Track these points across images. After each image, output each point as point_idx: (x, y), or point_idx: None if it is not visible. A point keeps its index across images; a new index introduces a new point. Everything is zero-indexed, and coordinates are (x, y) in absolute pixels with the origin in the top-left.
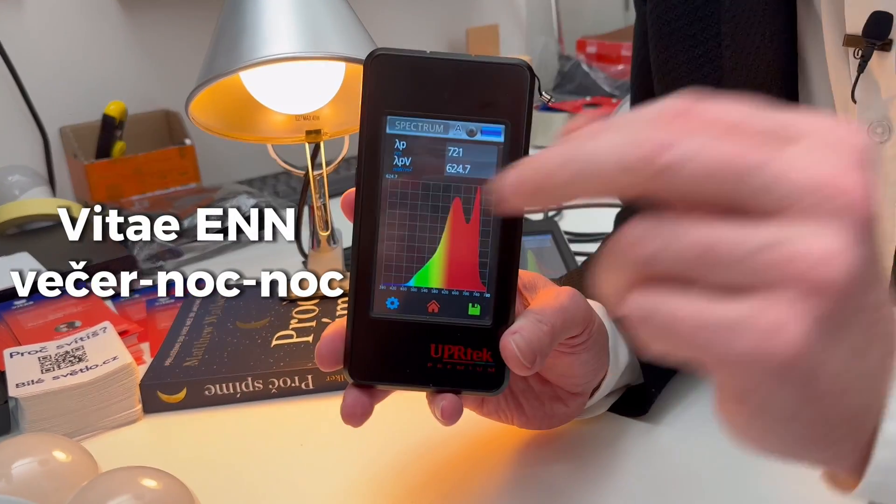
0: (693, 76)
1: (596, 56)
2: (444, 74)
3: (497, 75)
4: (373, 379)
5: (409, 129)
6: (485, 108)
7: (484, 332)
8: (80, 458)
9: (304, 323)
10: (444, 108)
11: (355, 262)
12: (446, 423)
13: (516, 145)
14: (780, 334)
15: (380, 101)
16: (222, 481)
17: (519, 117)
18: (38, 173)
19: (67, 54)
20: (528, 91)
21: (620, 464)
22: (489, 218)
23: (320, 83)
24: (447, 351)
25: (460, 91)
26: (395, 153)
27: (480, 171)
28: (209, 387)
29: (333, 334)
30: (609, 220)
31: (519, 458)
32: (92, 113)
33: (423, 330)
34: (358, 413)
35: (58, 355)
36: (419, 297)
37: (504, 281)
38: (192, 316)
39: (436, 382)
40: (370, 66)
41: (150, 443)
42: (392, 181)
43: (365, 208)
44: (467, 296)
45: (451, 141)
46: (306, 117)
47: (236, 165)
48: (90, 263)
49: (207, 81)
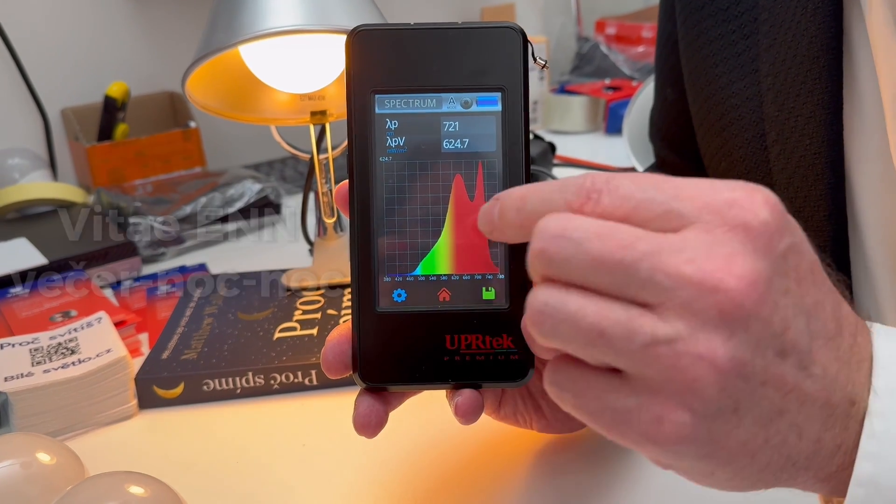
0: (724, 54)
1: (615, 37)
2: (432, 45)
3: (488, 41)
4: (386, 381)
5: (399, 107)
6: (478, 76)
7: (502, 316)
8: (66, 460)
9: (308, 314)
10: (435, 81)
11: (355, 255)
12: (464, 421)
13: (515, 113)
14: (660, 426)
15: (366, 80)
16: (217, 482)
17: (515, 83)
18: (39, 156)
19: (68, 33)
20: (523, 53)
21: (648, 471)
22: (494, 193)
23: (325, 59)
24: (464, 341)
25: (450, 61)
26: (388, 134)
27: (480, 144)
28: (208, 381)
29: (339, 337)
30: None
31: (537, 465)
32: (94, 94)
33: (436, 321)
34: (373, 423)
35: (50, 347)
36: (428, 286)
37: (518, 259)
38: (193, 306)
39: (455, 377)
40: (352, 44)
41: (145, 440)
42: (387, 164)
43: (360, 197)
44: (480, 279)
45: (446, 115)
46: (311, 97)
47: (243, 149)
48: (90, 250)
49: (204, 56)
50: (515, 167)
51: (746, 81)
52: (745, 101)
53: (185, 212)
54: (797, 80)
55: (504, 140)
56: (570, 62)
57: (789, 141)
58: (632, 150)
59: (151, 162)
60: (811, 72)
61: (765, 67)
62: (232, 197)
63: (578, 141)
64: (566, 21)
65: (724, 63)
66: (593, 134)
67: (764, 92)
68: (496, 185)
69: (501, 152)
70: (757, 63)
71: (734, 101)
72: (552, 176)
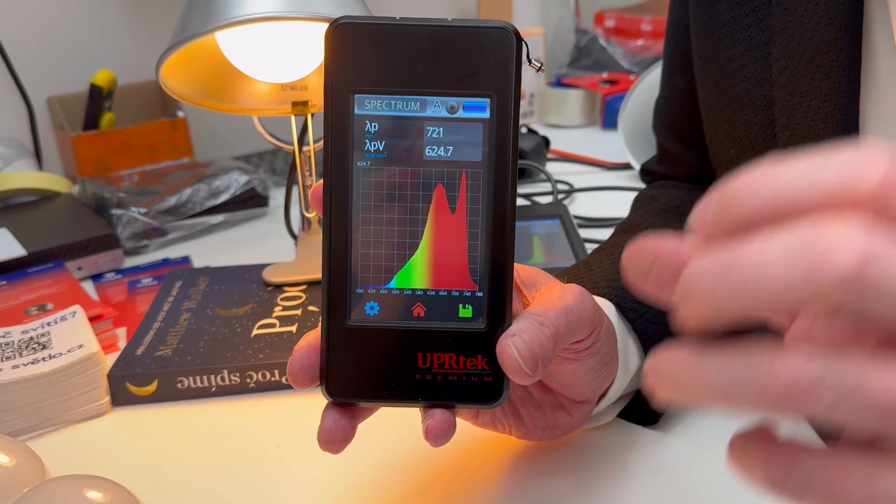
0: (737, 37)
1: (614, 30)
2: (418, 43)
3: (479, 41)
4: (354, 396)
5: (380, 109)
6: (467, 79)
7: (478, 336)
8: (25, 461)
9: (289, 311)
10: (420, 83)
11: (327, 264)
12: (434, 444)
13: (504, 121)
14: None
15: (346, 78)
16: (186, 484)
17: (505, 89)
18: (24, 145)
19: (54, 20)
20: (515, 58)
21: (628, 477)
22: (478, 206)
23: (306, 48)
24: (437, 360)
25: (437, 62)
26: (367, 137)
27: (465, 153)
28: (182, 379)
29: (307, 347)
30: (623, 203)
31: (516, 471)
32: (80, 82)
33: (409, 337)
34: (338, 439)
35: (21, 342)
36: (402, 301)
37: (498, 277)
38: (171, 300)
39: (426, 396)
40: (332, 38)
41: (115, 439)
42: (364, 169)
43: (335, 202)
44: (457, 296)
45: (430, 120)
46: (293, 87)
47: (232, 140)
48: (70, 241)
49: (179, 43)
50: (501, 180)
51: (758, 65)
52: (757, 86)
53: (170, 203)
54: (812, 62)
55: (491, 150)
56: (568, 55)
57: (801, 125)
58: (627, 145)
59: (138, 152)
60: (828, 54)
61: (777, 51)
62: (218, 189)
63: (575, 135)
64: (565, 13)
65: (736, 46)
66: (590, 128)
67: (775, 76)
68: (479, 197)
69: (487, 163)
70: (769, 46)
71: (745, 84)
72: (544, 171)
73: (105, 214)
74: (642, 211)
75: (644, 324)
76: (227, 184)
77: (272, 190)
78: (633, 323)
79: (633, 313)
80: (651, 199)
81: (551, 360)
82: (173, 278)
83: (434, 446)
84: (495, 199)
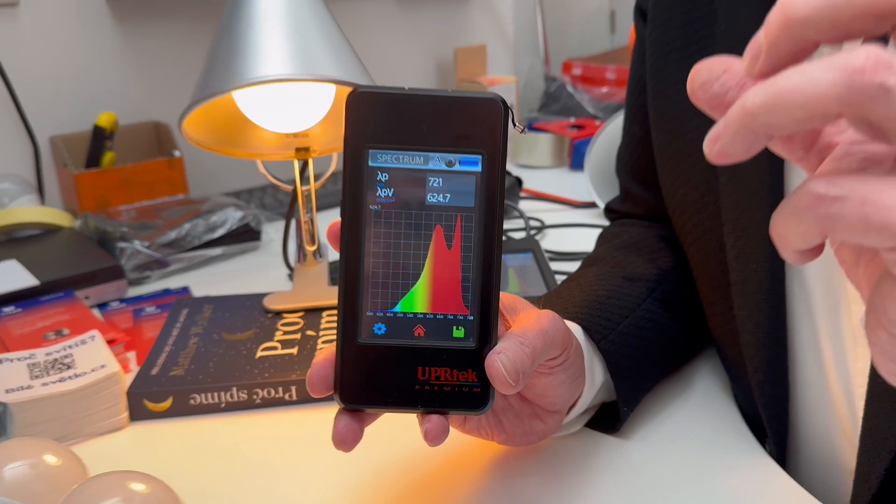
0: (685, 95)
1: (581, 78)
2: (423, 109)
3: (473, 109)
4: (362, 403)
5: (390, 162)
6: (462, 139)
7: (469, 353)
8: (70, 462)
9: (289, 335)
10: (424, 141)
11: (342, 291)
12: (432, 444)
13: (493, 174)
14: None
15: (362, 136)
16: (199, 491)
17: (495, 148)
18: (28, 181)
19: (60, 64)
20: (503, 123)
21: (594, 477)
22: (470, 244)
23: (311, 103)
24: (434, 373)
25: (438, 124)
26: (378, 185)
27: (460, 200)
28: (194, 396)
29: (323, 361)
30: (589, 239)
31: (498, 471)
32: (82, 123)
33: (410, 353)
34: (349, 439)
35: (46, 362)
36: (405, 322)
37: (486, 303)
38: (179, 326)
39: (424, 404)
40: (352, 103)
41: (136, 450)
42: (376, 212)
43: (350, 239)
44: (451, 319)
45: (432, 171)
46: (296, 135)
47: (224, 177)
48: (79, 272)
49: (201, 100)
50: (490, 222)
51: (702, 118)
52: (701, 136)
53: (170, 237)
54: None
55: (481, 197)
56: (538, 100)
57: (737, 169)
58: (592, 186)
59: (136, 188)
60: None
61: None
62: (215, 223)
63: (544, 175)
64: (535, 61)
65: (684, 101)
66: (558, 169)
67: None
68: (472, 237)
69: (478, 208)
70: None
71: (691, 135)
72: (517, 208)
73: (108, 247)
74: (606, 246)
75: (608, 344)
76: (223, 219)
77: (264, 224)
78: (598, 343)
79: (598, 335)
80: (614, 235)
81: (530, 374)
82: (180, 306)
83: (431, 446)
84: (485, 238)
